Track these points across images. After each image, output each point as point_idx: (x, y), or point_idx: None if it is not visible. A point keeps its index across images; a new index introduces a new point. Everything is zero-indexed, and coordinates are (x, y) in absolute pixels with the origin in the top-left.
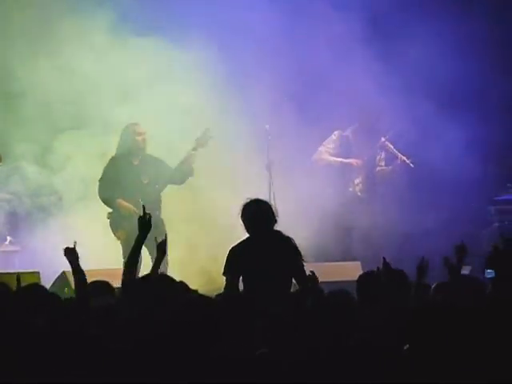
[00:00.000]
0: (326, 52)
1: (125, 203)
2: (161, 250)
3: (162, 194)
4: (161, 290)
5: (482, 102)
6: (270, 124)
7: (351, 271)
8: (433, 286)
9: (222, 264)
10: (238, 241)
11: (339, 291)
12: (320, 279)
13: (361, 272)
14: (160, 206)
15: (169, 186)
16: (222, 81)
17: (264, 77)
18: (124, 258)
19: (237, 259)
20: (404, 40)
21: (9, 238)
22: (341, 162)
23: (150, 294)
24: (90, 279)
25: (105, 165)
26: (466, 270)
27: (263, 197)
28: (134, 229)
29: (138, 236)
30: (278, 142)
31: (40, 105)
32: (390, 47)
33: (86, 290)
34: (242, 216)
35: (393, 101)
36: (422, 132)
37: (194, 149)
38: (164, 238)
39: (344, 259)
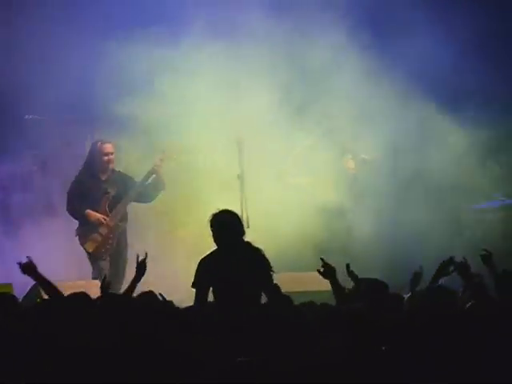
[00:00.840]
0: (321, 57)
1: (93, 212)
2: (140, 270)
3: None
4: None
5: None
6: (249, 132)
7: (323, 281)
8: (406, 297)
9: None
10: (207, 252)
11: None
12: (293, 289)
13: None
14: (126, 218)
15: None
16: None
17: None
18: (93, 269)
19: (206, 271)
20: (402, 41)
21: None
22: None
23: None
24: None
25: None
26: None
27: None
28: (101, 240)
29: (135, 276)
30: (253, 151)
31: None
32: (388, 48)
33: (59, 297)
34: (210, 226)
35: (388, 103)
36: (412, 136)
37: (161, 160)
38: (144, 256)
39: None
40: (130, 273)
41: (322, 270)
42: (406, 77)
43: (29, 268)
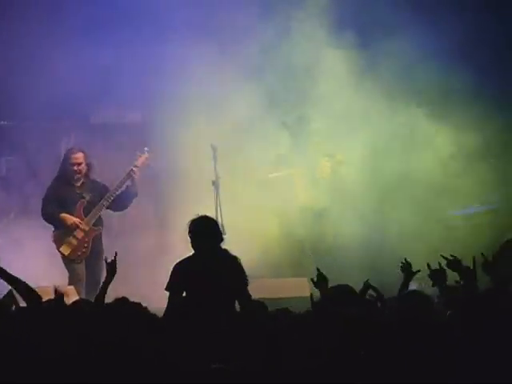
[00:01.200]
0: (304, 58)
1: (69, 216)
2: (110, 271)
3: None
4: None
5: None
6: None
7: (298, 288)
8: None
9: None
10: (184, 257)
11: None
12: (267, 295)
13: (308, 288)
14: (102, 224)
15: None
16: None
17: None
18: (69, 274)
19: (180, 275)
20: (387, 41)
21: None
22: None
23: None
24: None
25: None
26: (413, 286)
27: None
28: (77, 243)
29: (106, 278)
30: (226, 157)
31: None
32: (373, 49)
33: (31, 296)
34: (188, 232)
35: (373, 104)
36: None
37: (135, 166)
38: (113, 257)
39: (295, 275)
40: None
41: (315, 279)
42: (391, 77)
43: None
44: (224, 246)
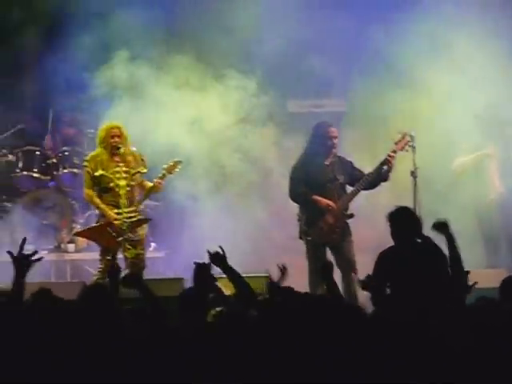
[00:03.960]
0: None
1: (322, 198)
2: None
3: None
4: None
5: None
6: None
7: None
8: None
9: None
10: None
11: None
12: None
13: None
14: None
15: None
16: None
17: None
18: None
19: (385, 265)
20: None
21: (153, 245)
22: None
23: None
24: None
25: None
26: None
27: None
28: (327, 229)
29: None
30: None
31: None
32: None
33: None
34: (389, 222)
35: None
36: None
37: (393, 151)
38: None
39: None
40: None
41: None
42: None
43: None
44: None
